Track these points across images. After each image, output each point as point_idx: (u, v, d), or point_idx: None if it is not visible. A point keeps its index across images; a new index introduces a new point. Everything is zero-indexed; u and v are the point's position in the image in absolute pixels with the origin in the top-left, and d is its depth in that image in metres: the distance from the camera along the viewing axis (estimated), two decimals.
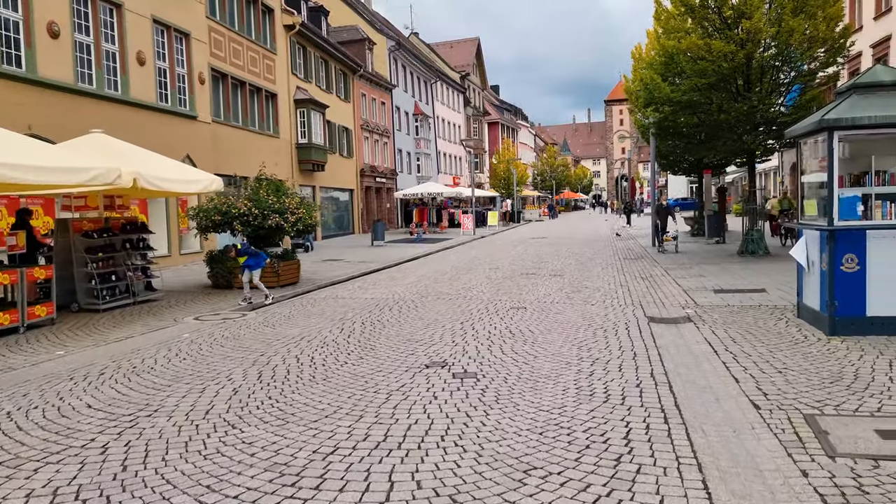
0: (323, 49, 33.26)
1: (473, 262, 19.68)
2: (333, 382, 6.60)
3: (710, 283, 12.98)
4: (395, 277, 16.35)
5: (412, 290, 13.61)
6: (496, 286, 13.87)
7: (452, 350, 7.89)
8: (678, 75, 18.03)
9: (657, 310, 10.31)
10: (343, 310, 11.32)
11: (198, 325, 10.16)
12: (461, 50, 72.21)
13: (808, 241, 8.42)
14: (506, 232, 40.34)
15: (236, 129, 24.69)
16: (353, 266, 19.10)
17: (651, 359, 7.20)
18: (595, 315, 10.01)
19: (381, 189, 42.71)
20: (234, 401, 6.07)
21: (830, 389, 5.81)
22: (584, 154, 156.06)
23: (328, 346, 8.29)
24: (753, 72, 16.72)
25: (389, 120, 44.20)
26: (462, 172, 61.41)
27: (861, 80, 7.90)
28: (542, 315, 10.15)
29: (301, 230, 14.93)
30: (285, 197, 14.80)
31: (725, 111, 16.59)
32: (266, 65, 27.11)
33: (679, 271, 15.20)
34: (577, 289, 13.08)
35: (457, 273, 16.76)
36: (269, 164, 26.84)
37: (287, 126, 29.00)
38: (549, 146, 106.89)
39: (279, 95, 28.19)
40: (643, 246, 23.76)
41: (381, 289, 14.13)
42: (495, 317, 10.11)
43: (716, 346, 7.57)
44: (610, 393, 5.97)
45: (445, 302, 11.86)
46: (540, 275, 15.75)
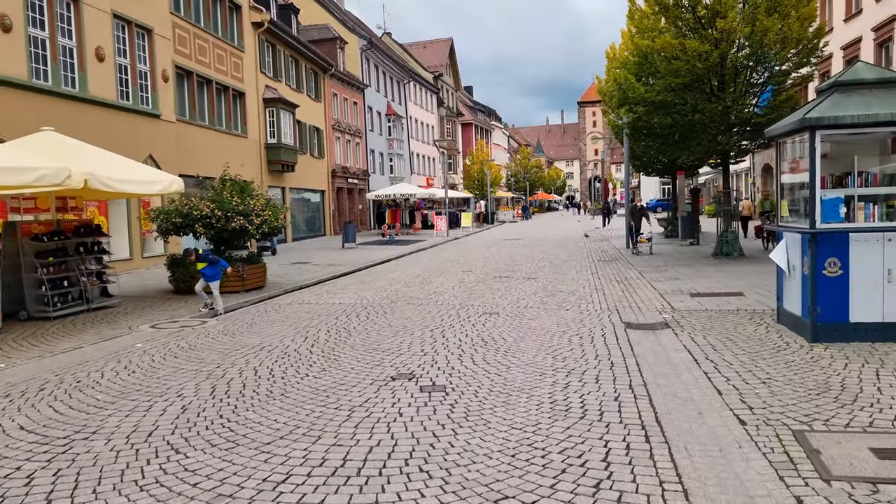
0: (293, 48, 32.63)
1: (446, 265, 19.28)
2: (292, 398, 6.15)
3: (686, 286, 12.74)
4: (364, 281, 15.89)
5: (382, 295, 13.16)
6: (468, 290, 13.49)
7: (421, 360, 7.47)
8: (652, 75, 17.83)
9: (634, 315, 10.00)
10: (308, 316, 10.84)
11: (153, 334, 9.61)
12: (434, 50, 71.84)
13: (788, 243, 8.16)
14: (480, 233, 40.03)
15: (202, 128, 24.01)
16: (323, 269, 18.59)
17: (629, 368, 6.85)
18: (570, 321, 9.67)
19: (354, 190, 42.13)
20: (182, 420, 5.58)
21: (818, 402, 5.50)
22: (557, 155, 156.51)
23: (289, 357, 7.82)
24: (727, 72, 16.56)
25: (361, 120, 43.64)
26: (436, 173, 61.00)
27: (843, 77, 7.65)
28: (515, 321, 9.78)
29: (267, 233, 14.39)
30: (250, 198, 14.26)
31: (700, 111, 16.41)
32: (233, 63, 26.45)
33: (654, 274, 14.95)
34: (552, 293, 12.74)
35: (429, 276, 16.35)
36: (237, 165, 26.23)
37: (256, 126, 28.35)
38: (522, 147, 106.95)
39: (247, 94, 27.52)
40: (617, 248, 23.56)
41: (349, 293, 13.66)
42: (467, 323, 9.72)
43: (696, 355, 7.26)
44: (587, 408, 5.61)
45: (416, 307, 11.43)
46: (513, 278, 15.40)
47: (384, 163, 48.85)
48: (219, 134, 25.19)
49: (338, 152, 39.62)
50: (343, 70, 40.85)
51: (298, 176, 32.67)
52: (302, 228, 34.59)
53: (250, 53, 28.00)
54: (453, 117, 70.34)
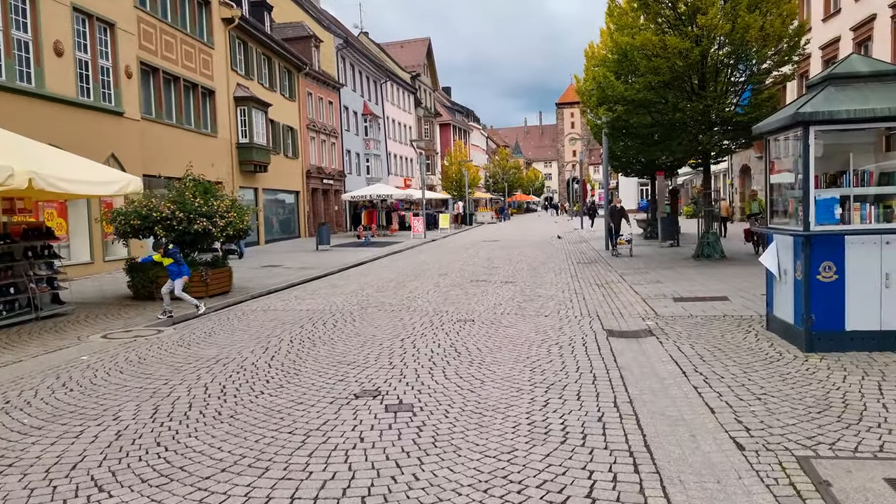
0: (266, 45, 31.84)
1: (422, 268, 18.70)
2: (242, 420, 5.54)
3: (669, 289, 12.29)
4: (336, 285, 15.25)
5: (352, 301, 12.55)
6: (443, 295, 12.92)
7: (388, 374, 6.89)
8: (632, 73, 17.42)
9: (615, 322, 9.50)
10: (272, 324, 10.20)
11: (102, 346, 8.92)
12: (412, 50, 71.23)
13: (779, 247, 7.70)
14: (457, 235, 39.51)
15: (169, 126, 23.19)
16: (294, 273, 17.92)
17: (613, 383, 6.33)
18: (549, 328, 9.14)
19: (329, 191, 41.39)
20: (113, 449, 4.95)
21: (820, 422, 5.01)
22: (535, 156, 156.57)
23: (245, 372, 7.19)
24: (708, 70, 16.19)
25: (337, 120, 42.91)
26: (413, 174, 60.37)
27: (837, 70, 7.21)
28: (491, 329, 9.23)
29: (232, 235, 13.71)
30: (214, 199, 13.57)
31: (681, 110, 16.02)
32: (202, 59, 25.64)
33: (635, 277, 14.51)
34: (530, 297, 12.22)
35: (403, 280, 15.76)
36: (207, 165, 25.45)
37: (226, 125, 27.54)
38: (501, 148, 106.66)
39: (217, 92, 26.72)
40: (596, 249, 23.15)
41: (318, 299, 13.03)
42: (440, 331, 9.15)
43: (683, 366, 6.76)
44: (568, 430, 5.07)
45: (387, 314, 10.84)
46: (490, 282, 14.86)
47: (360, 163, 48.14)
48: (187, 133, 24.38)
49: (313, 152, 38.87)
50: (318, 69, 40.11)
51: (272, 176, 31.89)
52: (275, 230, 33.81)
53: (220, 50, 27.20)
54: (431, 117, 69.77)
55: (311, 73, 38.19)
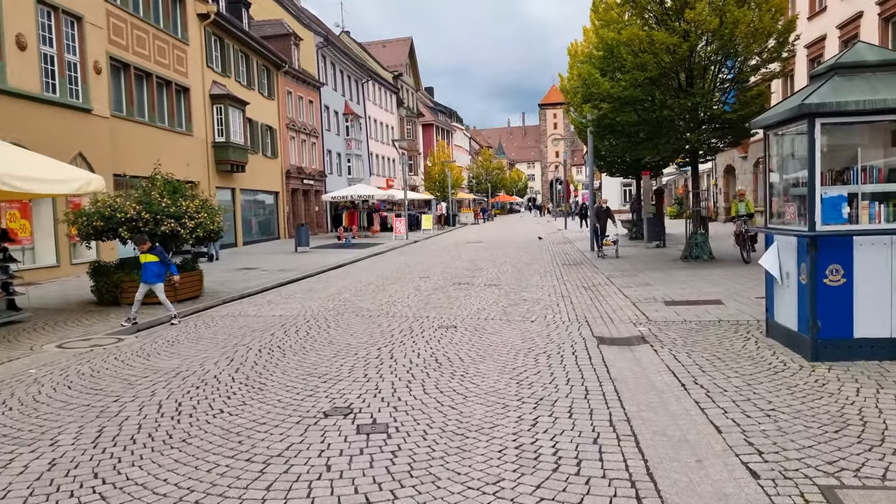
0: (243, 42, 31.09)
1: (403, 270, 18.12)
2: (195, 445, 4.94)
3: (659, 292, 11.81)
4: (313, 289, 14.63)
5: (329, 305, 11.95)
6: (425, 299, 12.36)
7: (362, 389, 6.32)
8: (618, 70, 16.95)
9: (606, 328, 8.99)
10: (241, 332, 9.58)
11: (55, 357, 8.26)
12: (394, 49, 70.58)
13: (780, 248, 7.23)
14: (440, 236, 38.96)
15: (141, 124, 22.42)
16: (270, 276, 17.26)
17: (607, 397, 5.81)
18: (536, 335, 8.61)
19: (309, 191, 40.65)
20: (43, 482, 4.33)
21: (839, 443, 4.52)
22: (518, 157, 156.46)
23: (206, 387, 6.58)
24: (696, 66, 15.78)
25: (318, 119, 42.19)
26: (396, 175, 59.75)
27: (843, 59, 6.74)
28: (474, 336, 8.68)
29: (202, 237, 13.04)
30: (183, 199, 12.91)
31: (668, 107, 15.58)
32: (177, 56, 24.87)
33: (623, 279, 14.04)
34: (515, 301, 11.69)
35: (383, 283, 15.17)
36: (182, 164, 24.70)
37: (202, 123, 26.77)
38: (484, 149, 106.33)
39: (192, 90, 25.96)
40: (581, 250, 22.71)
41: (293, 304, 12.41)
42: (420, 339, 8.59)
43: (682, 377, 6.25)
44: (561, 455, 4.52)
45: (364, 320, 10.26)
46: (474, 285, 14.32)
47: (342, 163, 47.44)
48: (160, 131, 23.60)
49: (293, 152, 38.13)
50: (298, 67, 39.38)
51: (250, 177, 31.14)
52: (254, 232, 33.06)
53: (195, 47, 26.44)
54: (413, 118, 69.17)
55: (290, 72, 37.47)
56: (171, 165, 23.91)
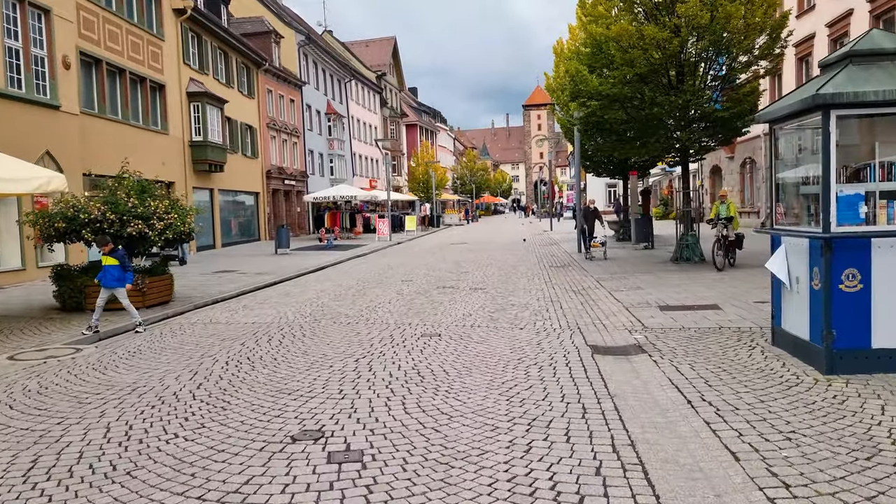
0: (222, 39, 30.30)
1: (385, 273, 17.51)
2: (140, 479, 4.31)
3: (652, 296, 11.30)
4: (290, 293, 13.98)
5: (305, 311, 11.31)
6: (407, 304, 11.76)
7: (336, 408, 5.71)
8: (606, 66, 16.45)
9: (599, 335, 8.44)
10: (210, 341, 8.94)
11: (4, 370, 7.56)
12: (377, 49, 69.90)
13: (788, 251, 6.71)
14: (424, 237, 38.37)
15: (114, 122, 21.61)
16: (247, 279, 16.58)
17: (607, 416, 5.25)
18: (526, 344, 8.04)
19: (291, 192, 39.87)
20: None
21: (874, 473, 3.99)
22: (503, 158, 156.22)
23: (163, 406, 5.94)
24: (687, 63, 15.32)
25: (299, 119, 41.43)
26: (379, 175, 59.08)
27: (859, 46, 6.24)
28: (460, 346, 8.10)
29: (171, 239, 12.36)
30: (151, 199, 12.22)
31: (658, 105, 15.10)
32: (151, 52, 24.07)
33: (613, 282, 13.53)
34: (502, 306, 11.13)
35: (363, 287, 14.55)
36: (157, 164, 23.91)
37: (178, 121, 25.97)
38: (468, 150, 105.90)
39: (168, 87, 25.16)
40: (568, 252, 22.22)
41: (268, 309, 11.76)
42: (401, 349, 7.99)
43: (687, 393, 5.71)
44: (560, 490, 3.95)
45: (342, 328, 9.64)
46: (459, 288, 13.74)
47: (324, 164, 46.67)
48: (134, 130, 22.80)
49: (273, 152, 37.36)
50: (279, 66, 38.62)
51: (229, 177, 30.35)
52: (234, 233, 32.26)
53: (172, 43, 25.64)
54: (397, 118, 68.52)
55: (271, 70, 36.71)
56: (146, 165, 23.17)
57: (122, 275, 9.83)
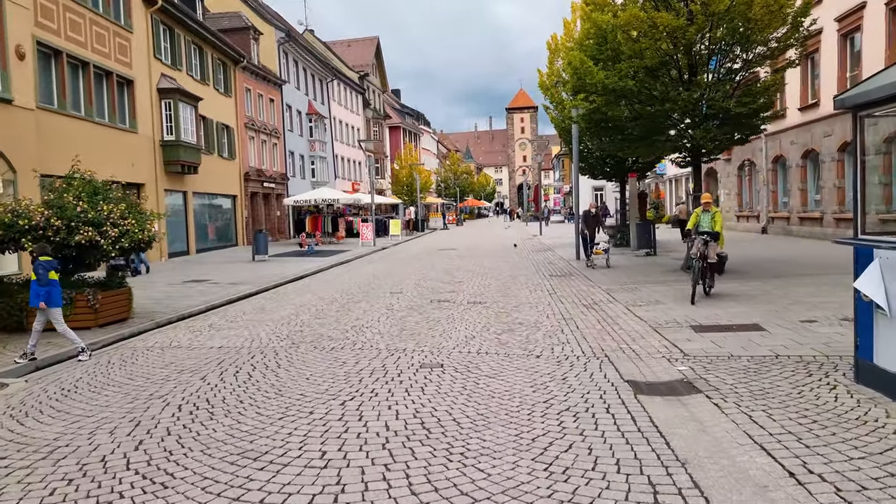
0: (196, 33, 28.66)
1: (371, 284, 16.03)
2: None
3: (677, 313, 9.95)
4: (265, 309, 12.47)
5: (282, 332, 9.82)
6: (399, 323, 10.31)
7: (316, 483, 4.25)
8: (612, 59, 15.11)
9: (634, 366, 7.04)
10: (164, 373, 7.43)
11: None
12: (359, 49, 68.35)
13: (884, 268, 5.37)
14: (410, 242, 36.90)
15: (76, 119, 19.94)
16: (218, 291, 15.03)
17: (688, 500, 3.84)
18: (549, 379, 6.62)
19: (270, 195, 38.22)
20: None
21: None
22: (486, 161, 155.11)
23: (82, 480, 4.44)
24: (700, 54, 14.04)
25: (279, 119, 39.79)
26: (362, 178, 57.53)
27: None
28: (468, 381, 6.67)
29: (128, 248, 10.81)
30: (105, 202, 10.67)
31: (671, 100, 13.80)
32: (118, 44, 22.41)
33: (626, 295, 12.17)
34: (509, 325, 9.71)
35: (348, 301, 13.06)
36: (125, 164, 22.27)
37: (148, 119, 24.31)
38: (452, 153, 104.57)
39: (137, 82, 23.49)
40: (565, 259, 20.88)
41: (239, 329, 10.25)
42: (397, 386, 6.54)
43: (782, 458, 4.32)
44: None
45: (324, 355, 8.17)
46: (456, 302, 12.31)
47: (305, 166, 45.04)
48: (99, 128, 21.13)
49: (252, 153, 35.72)
50: (258, 63, 37.01)
51: (203, 179, 28.68)
52: (210, 238, 30.59)
53: (141, 35, 23.99)
54: (380, 119, 66.99)
55: (249, 68, 35.08)
56: (112, 166, 21.52)
57: (43, 291, 8.22)
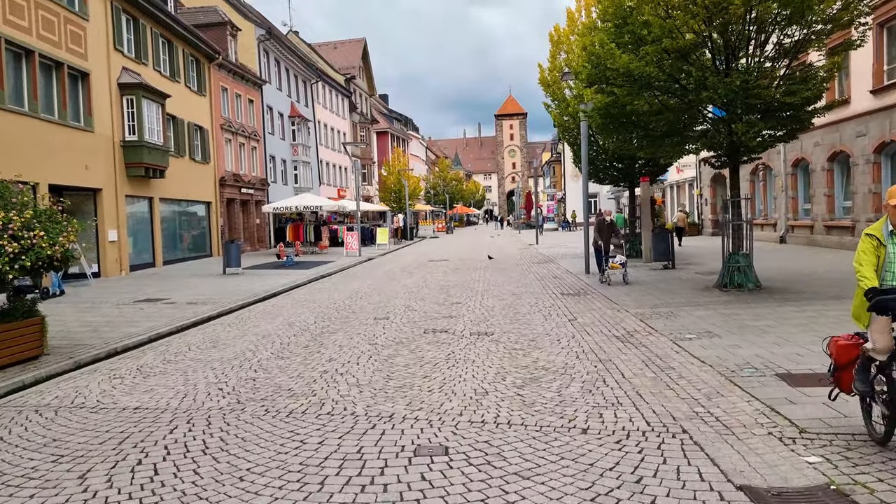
0: (165, 25, 26.20)
1: (353, 305, 13.65)
2: None
3: (745, 351, 7.65)
4: (218, 341, 10.05)
5: (228, 381, 7.42)
6: (385, 367, 7.93)
7: None
8: (634, 43, 12.83)
9: (733, 451, 4.69)
10: (34, 462, 5.01)
11: None
12: (346, 51, 66.02)
13: None
14: (398, 252, 34.53)
15: (17, 115, 17.42)
16: (172, 313, 12.60)
17: None
18: (614, 484, 4.27)
19: (249, 202, 35.72)
20: None
21: None
22: (475, 168, 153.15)
23: None
24: (743, 32, 11.82)
25: (259, 121, 37.34)
26: (348, 184, 55.08)
27: None
28: (489, 488, 4.29)
29: (33, 268, 8.39)
30: (3, 210, 8.25)
31: (711, 87, 11.56)
32: (71, 32, 19.96)
33: (664, 322, 9.88)
34: (531, 373, 7.36)
35: (322, 331, 10.67)
36: (78, 167, 19.79)
37: (107, 117, 21.82)
38: (441, 159, 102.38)
39: (94, 75, 21.03)
40: (572, 272, 18.58)
41: (173, 375, 7.84)
42: (379, 499, 4.17)
43: None
44: None
45: (277, 427, 5.78)
46: (455, 332, 9.96)
47: (287, 171, 42.55)
48: (47, 125, 18.63)
49: (229, 157, 33.26)
50: (235, 61, 34.60)
51: (172, 183, 26.19)
52: (180, 248, 28.08)
53: (99, 24, 21.55)
54: (367, 124, 64.57)
55: (226, 65, 32.66)
56: (63, 168, 19.07)
57: None
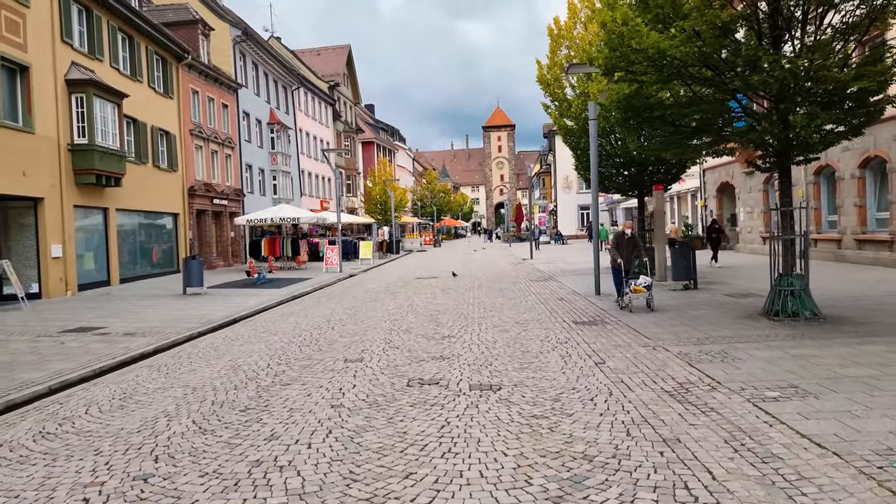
0: (124, 18, 23.76)
1: (321, 339, 11.20)
2: None
3: (876, 426, 5.30)
4: (135, 395, 7.56)
5: (116, 474, 4.96)
6: (349, 457, 5.48)
7: None
8: (664, 20, 10.57)
9: None
10: None
11: None
12: (330, 58, 63.74)
13: None
14: (383, 267, 32.06)
15: None
16: (99, 348, 10.11)
17: None
18: None
19: (222, 213, 33.19)
20: None
21: None
22: (462, 180, 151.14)
23: None
24: (804, 3, 9.59)
25: (234, 127, 34.88)
26: (331, 196, 52.59)
27: None
28: None
29: None
30: None
31: (767, 72, 9.29)
32: (7, 19, 17.49)
33: (721, 369, 7.51)
34: (567, 466, 4.93)
35: (274, 381, 8.20)
36: (14, 174, 17.26)
37: (51, 117, 19.31)
38: (428, 171, 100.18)
39: (35, 69, 18.52)
40: (579, 293, 16.20)
41: (39, 463, 5.35)
42: None
43: None
44: None
45: None
46: (449, 385, 7.52)
47: (266, 181, 40.05)
48: None
49: (199, 165, 30.77)
50: (208, 62, 32.20)
51: (133, 193, 23.66)
52: (140, 265, 25.48)
53: (42, 12, 19.08)
54: (352, 133, 62.21)
55: (197, 67, 30.26)
56: None
57: None
